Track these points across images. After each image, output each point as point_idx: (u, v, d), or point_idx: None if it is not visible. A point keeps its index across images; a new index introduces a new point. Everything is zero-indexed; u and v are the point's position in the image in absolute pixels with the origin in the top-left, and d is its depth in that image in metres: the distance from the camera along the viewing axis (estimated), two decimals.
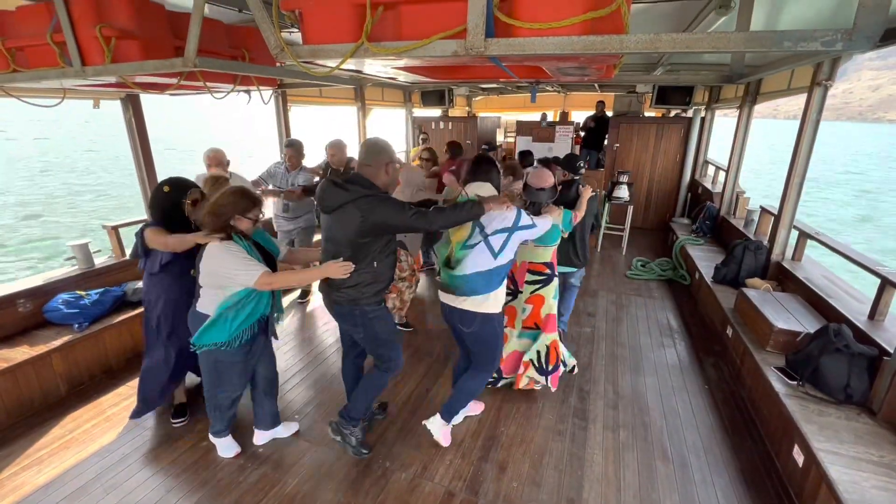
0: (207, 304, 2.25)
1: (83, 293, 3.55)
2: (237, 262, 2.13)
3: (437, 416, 2.74)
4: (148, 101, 4.03)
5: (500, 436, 2.86)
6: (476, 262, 2.33)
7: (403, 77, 2.46)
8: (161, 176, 2.89)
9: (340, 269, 2.16)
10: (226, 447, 2.68)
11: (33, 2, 2.01)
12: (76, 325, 3.36)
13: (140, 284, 3.87)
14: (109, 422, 2.97)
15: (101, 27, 1.79)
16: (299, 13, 1.52)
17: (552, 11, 1.21)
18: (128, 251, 4.21)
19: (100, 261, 3.99)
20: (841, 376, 2.56)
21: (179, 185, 2.53)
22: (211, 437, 2.70)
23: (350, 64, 1.57)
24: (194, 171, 3.97)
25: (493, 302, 2.43)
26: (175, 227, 2.50)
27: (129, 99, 3.87)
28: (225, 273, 2.14)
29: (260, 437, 2.77)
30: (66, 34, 1.84)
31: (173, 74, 2.11)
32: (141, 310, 3.73)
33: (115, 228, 4.11)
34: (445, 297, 2.50)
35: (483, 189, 2.45)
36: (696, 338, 4.15)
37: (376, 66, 1.84)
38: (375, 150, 2.19)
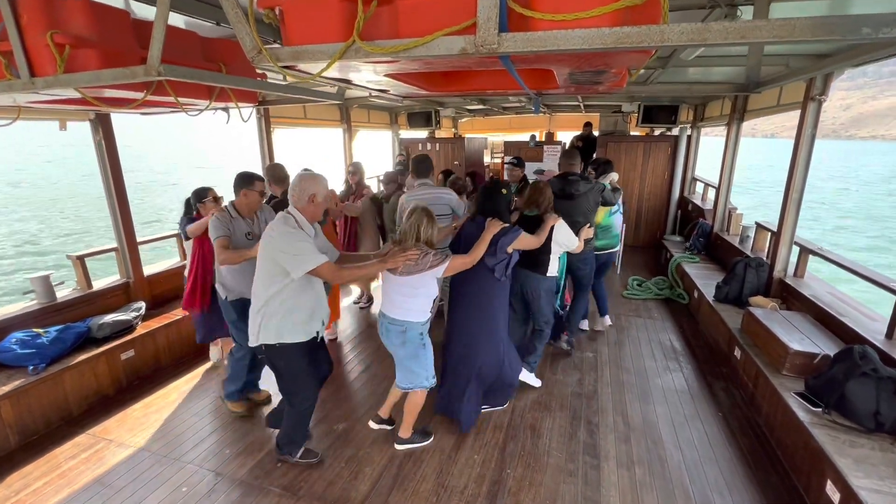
0: (552, 270, 3.21)
1: (40, 331, 3.21)
2: (571, 232, 3.16)
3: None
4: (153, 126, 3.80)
5: (506, 479, 2.59)
6: (618, 224, 4.18)
7: (395, 89, 2.29)
8: (137, 201, 2.65)
9: (591, 231, 3.57)
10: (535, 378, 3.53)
11: None
12: (31, 368, 3.01)
13: (107, 318, 3.57)
14: (64, 478, 2.62)
15: (52, 34, 1.58)
16: (279, 11, 1.34)
17: (577, 0, 1.05)
18: (94, 282, 3.91)
19: (62, 294, 3.67)
20: (869, 402, 2.39)
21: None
22: (535, 375, 3.50)
23: (337, 71, 1.39)
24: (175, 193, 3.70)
25: None
26: None
27: (99, 120, 3.63)
28: (569, 241, 3.13)
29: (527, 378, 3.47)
30: (13, 42, 1.62)
31: (138, 87, 1.90)
32: (108, 346, 3.43)
33: (82, 258, 3.80)
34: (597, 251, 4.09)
35: (614, 177, 4.15)
36: (701, 360, 3.97)
37: (366, 74, 1.66)
38: (572, 153, 3.77)
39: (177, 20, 2.24)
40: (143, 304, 3.95)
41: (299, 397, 2.52)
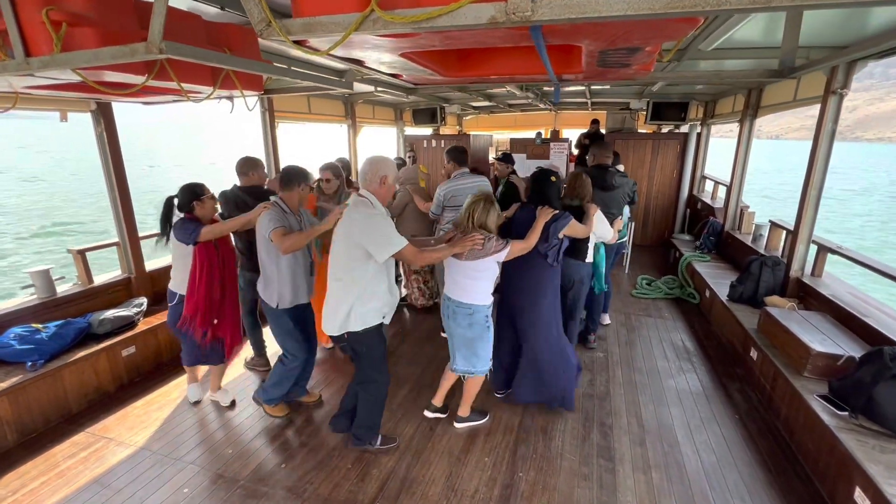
0: (590, 256, 3.34)
1: (40, 326, 3.14)
2: (608, 222, 3.22)
3: None
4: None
5: (518, 483, 2.50)
6: (626, 214, 4.11)
7: (408, 73, 2.20)
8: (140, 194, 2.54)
9: (621, 222, 3.57)
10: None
11: None
12: (29, 364, 2.94)
13: (108, 314, 3.49)
14: (62, 478, 2.54)
15: (48, 10, 1.49)
16: None
17: None
18: (95, 277, 3.83)
19: (63, 289, 3.59)
20: None
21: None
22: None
23: (347, 50, 1.30)
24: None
25: None
26: None
27: (100, 110, 3.54)
28: (605, 232, 3.19)
29: None
30: (7, 19, 1.54)
31: (140, 71, 1.81)
32: (109, 342, 3.35)
33: (82, 252, 3.72)
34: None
35: (620, 168, 4.27)
36: (715, 361, 3.87)
37: (380, 53, 1.57)
38: (606, 145, 3.98)
39: (180, 3, 2.15)
40: (144, 300, 3.87)
41: (378, 384, 2.57)
